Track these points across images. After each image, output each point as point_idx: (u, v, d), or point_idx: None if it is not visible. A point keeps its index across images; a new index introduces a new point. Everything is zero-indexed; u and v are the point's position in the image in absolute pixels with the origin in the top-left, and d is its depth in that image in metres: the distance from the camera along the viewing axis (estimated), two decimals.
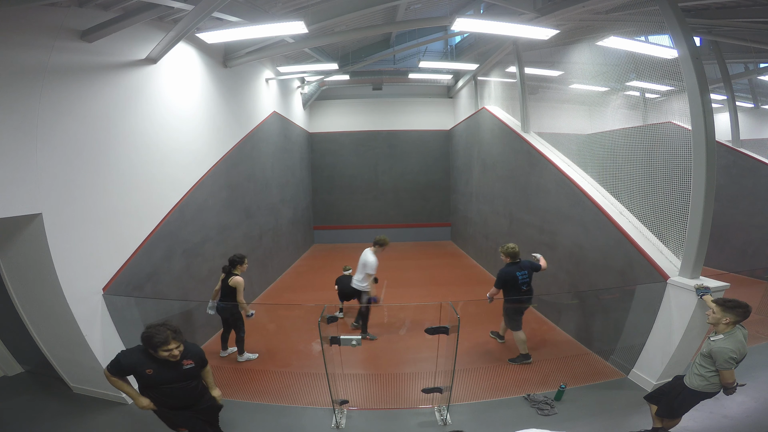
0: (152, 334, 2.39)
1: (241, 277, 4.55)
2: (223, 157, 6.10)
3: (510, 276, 4.40)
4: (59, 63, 3.25)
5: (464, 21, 4.81)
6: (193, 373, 2.62)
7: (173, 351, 2.42)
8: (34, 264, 3.32)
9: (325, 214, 12.75)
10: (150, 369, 2.46)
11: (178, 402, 2.62)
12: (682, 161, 3.86)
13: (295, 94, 10.52)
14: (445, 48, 11.87)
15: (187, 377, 2.59)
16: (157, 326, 2.43)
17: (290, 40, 6.11)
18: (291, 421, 3.59)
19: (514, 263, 4.51)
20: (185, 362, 2.56)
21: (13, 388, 4.02)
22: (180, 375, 2.55)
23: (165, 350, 2.40)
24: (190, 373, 2.60)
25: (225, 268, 4.64)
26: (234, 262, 4.62)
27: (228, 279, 4.53)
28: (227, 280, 4.53)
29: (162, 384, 2.52)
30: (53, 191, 3.20)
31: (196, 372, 2.66)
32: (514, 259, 4.51)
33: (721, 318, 2.70)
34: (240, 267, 4.64)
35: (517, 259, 4.52)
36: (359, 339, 3.39)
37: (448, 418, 3.53)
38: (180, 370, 2.54)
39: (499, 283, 4.47)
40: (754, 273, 6.26)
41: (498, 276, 4.50)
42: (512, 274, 4.40)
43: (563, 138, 6.16)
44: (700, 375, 2.76)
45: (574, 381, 4.06)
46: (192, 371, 2.61)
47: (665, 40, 5.12)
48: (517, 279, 4.41)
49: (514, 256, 4.50)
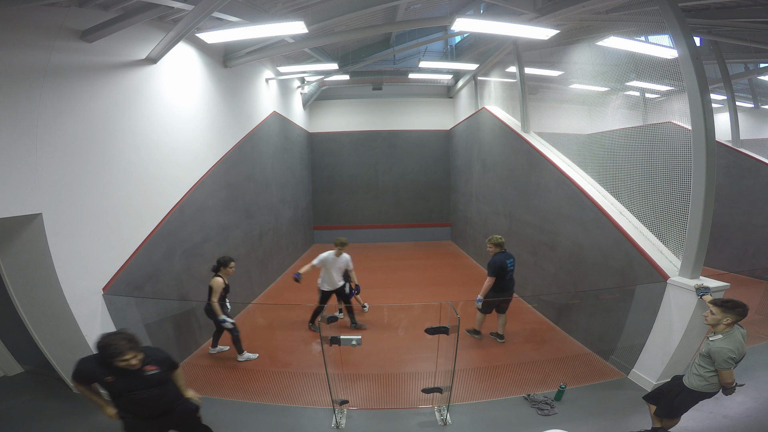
0: (106, 344, 2.29)
1: (220, 279, 4.49)
2: (223, 157, 6.10)
3: (501, 264, 4.76)
4: (59, 63, 3.25)
5: (464, 21, 4.81)
6: (157, 380, 2.49)
7: (130, 361, 2.32)
8: (34, 264, 3.32)
9: (325, 214, 12.75)
10: (110, 377, 2.36)
11: (146, 410, 2.51)
12: (682, 161, 3.86)
13: (295, 94, 10.52)
14: (445, 48, 11.87)
15: (151, 384, 2.45)
16: (111, 335, 2.34)
17: (290, 40, 6.11)
18: (291, 421, 3.59)
19: (502, 252, 4.88)
20: (147, 368, 2.44)
21: (13, 388, 4.02)
22: (142, 382, 2.42)
23: (121, 360, 2.30)
24: (154, 380, 2.47)
25: (213, 267, 4.64)
26: (219, 264, 4.60)
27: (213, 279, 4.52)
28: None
29: (124, 392, 2.41)
30: (53, 191, 3.20)
31: (161, 378, 2.53)
32: (501, 249, 4.90)
33: (722, 319, 2.70)
34: (224, 269, 4.59)
35: (503, 249, 4.90)
36: (359, 339, 3.39)
37: (448, 418, 3.53)
38: (142, 377, 2.42)
39: (492, 271, 4.77)
40: (754, 273, 6.27)
41: (490, 264, 4.81)
42: (503, 261, 4.78)
43: (563, 138, 6.16)
44: (699, 375, 2.76)
45: (574, 381, 4.06)
46: (156, 377, 2.48)
47: (665, 40, 5.12)
48: (506, 266, 4.79)
49: (501, 246, 4.89)
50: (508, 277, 4.85)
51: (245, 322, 6.24)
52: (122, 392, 2.42)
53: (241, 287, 6.65)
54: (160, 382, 2.53)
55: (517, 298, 7.06)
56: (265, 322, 6.32)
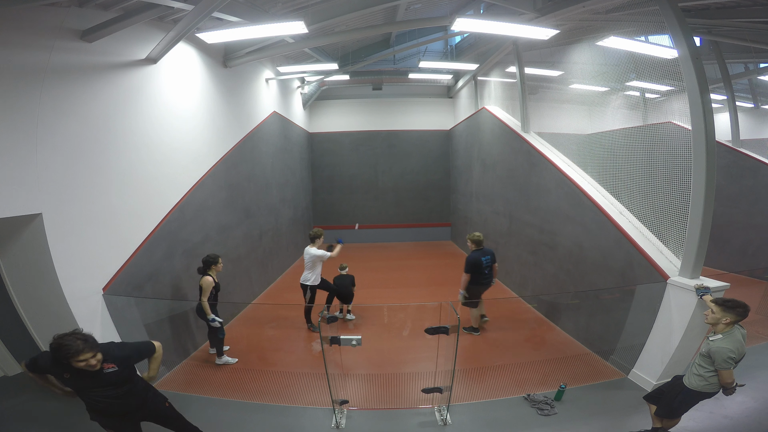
0: (60, 344, 2.16)
1: (210, 278, 4.40)
2: (223, 157, 6.10)
3: (477, 260, 5.04)
4: (59, 63, 3.25)
5: (464, 21, 4.81)
6: (116, 377, 2.37)
7: (89, 361, 2.20)
8: (34, 264, 3.32)
9: (325, 214, 12.75)
10: (67, 373, 2.29)
11: (113, 408, 2.43)
12: (682, 161, 3.86)
13: (295, 94, 10.52)
14: (445, 48, 11.87)
15: (109, 383, 2.35)
16: (66, 335, 2.20)
17: (290, 40, 6.11)
18: (291, 421, 3.59)
19: (479, 249, 5.15)
20: (105, 366, 2.32)
21: (13, 388, 4.01)
22: (101, 381, 2.33)
23: (79, 361, 2.18)
24: (114, 377, 2.36)
25: (199, 269, 4.50)
26: (208, 263, 4.48)
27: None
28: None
29: (83, 390, 2.35)
30: (53, 191, 3.20)
31: (122, 375, 2.41)
32: (479, 246, 5.17)
33: (721, 318, 2.70)
34: (214, 267, 4.50)
35: (481, 246, 5.18)
36: (359, 339, 3.39)
37: (448, 418, 3.53)
38: (99, 375, 2.31)
39: (468, 268, 5.05)
40: (754, 273, 6.26)
41: (467, 261, 5.08)
42: (478, 258, 5.06)
43: (563, 138, 6.16)
44: (699, 375, 2.76)
45: (574, 381, 4.06)
46: (115, 375, 2.36)
47: (665, 40, 5.12)
48: (482, 263, 5.08)
49: (479, 243, 5.17)
50: (486, 272, 5.16)
51: (245, 322, 6.25)
52: (81, 390, 2.37)
53: (241, 287, 6.65)
54: (121, 380, 2.41)
55: (518, 298, 7.09)
56: (265, 322, 6.32)
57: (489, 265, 5.18)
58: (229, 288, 6.18)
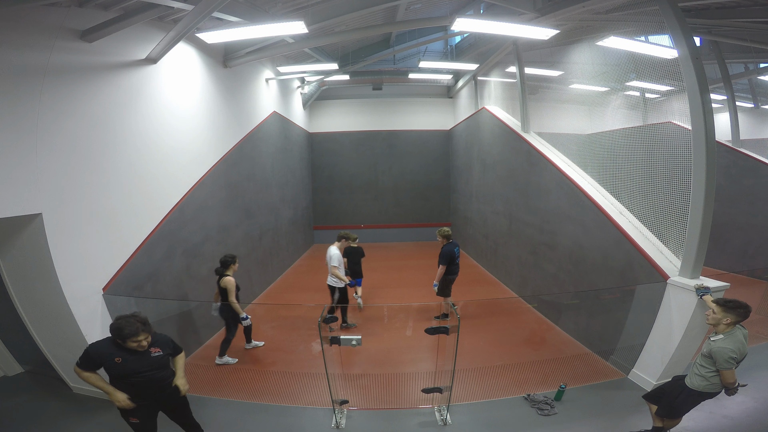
0: (122, 325, 2.43)
1: (232, 278, 4.52)
2: (223, 157, 6.10)
3: (451, 253, 5.47)
4: (59, 63, 3.25)
5: (464, 21, 4.81)
6: (162, 362, 2.64)
7: (142, 342, 2.48)
8: (34, 264, 3.32)
9: (325, 214, 12.75)
10: (119, 357, 2.48)
11: (144, 391, 2.59)
12: (682, 161, 3.86)
13: (295, 94, 10.52)
14: (445, 48, 11.87)
15: (156, 366, 2.60)
16: (126, 317, 2.48)
17: (290, 40, 6.11)
18: (291, 421, 3.59)
19: (450, 243, 5.56)
20: (153, 350, 2.59)
21: (13, 388, 4.01)
22: (148, 363, 2.56)
23: (134, 341, 2.45)
24: (159, 362, 2.61)
25: (217, 270, 4.62)
26: (226, 263, 4.62)
27: (220, 280, 4.52)
28: (219, 282, 4.53)
29: (131, 374, 2.52)
30: (53, 191, 3.20)
31: (165, 360, 2.68)
32: (449, 240, 5.59)
33: (722, 318, 2.70)
34: (232, 267, 4.64)
35: (450, 239, 5.61)
36: (359, 339, 3.39)
37: (448, 418, 3.53)
38: (148, 358, 2.56)
39: (444, 260, 5.45)
40: (754, 273, 6.27)
41: (442, 254, 5.48)
42: (452, 251, 5.50)
43: (563, 138, 6.16)
44: (700, 375, 2.76)
45: (574, 381, 4.06)
46: (161, 359, 2.63)
47: (665, 40, 5.13)
48: (455, 254, 5.53)
49: (448, 237, 5.60)
50: (456, 262, 5.63)
51: None
52: (129, 374, 2.51)
53: (241, 287, 6.64)
54: (162, 364, 2.65)
55: (518, 298, 7.09)
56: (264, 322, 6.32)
57: (458, 256, 5.67)
58: None
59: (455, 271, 5.66)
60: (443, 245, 5.57)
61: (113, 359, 2.48)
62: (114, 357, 2.48)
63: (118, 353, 2.49)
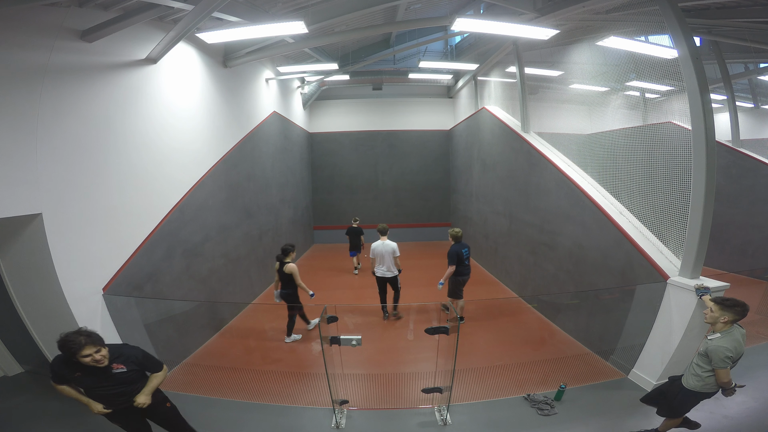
0: (64, 341, 2.32)
1: (294, 264, 5.08)
2: (223, 157, 6.10)
3: (457, 252, 5.41)
4: (59, 63, 3.25)
5: (464, 21, 4.81)
6: (126, 378, 2.50)
7: (93, 356, 2.33)
8: (34, 264, 3.32)
9: (325, 214, 12.75)
10: (78, 372, 2.40)
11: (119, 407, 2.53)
12: (682, 161, 3.85)
13: (295, 94, 10.51)
14: (445, 48, 11.88)
15: (119, 382, 2.47)
16: (69, 333, 2.35)
17: (290, 40, 6.11)
18: (291, 421, 3.59)
19: (458, 243, 5.51)
20: (114, 366, 2.45)
21: (13, 388, 4.01)
22: (110, 379, 2.44)
23: (83, 356, 2.31)
24: (122, 378, 2.48)
25: (278, 257, 5.14)
26: (286, 251, 5.15)
27: (283, 267, 5.03)
28: (282, 269, 5.03)
29: (92, 388, 2.45)
30: (53, 191, 3.20)
31: (130, 377, 2.53)
32: (458, 240, 5.54)
33: (719, 317, 2.69)
34: (291, 254, 5.17)
35: (459, 240, 5.55)
36: (359, 339, 3.39)
37: (448, 418, 3.53)
38: (109, 375, 2.43)
39: (452, 260, 5.40)
40: (754, 273, 6.27)
41: (450, 254, 5.44)
42: (459, 251, 5.43)
43: (563, 138, 6.16)
44: (696, 375, 2.76)
45: (574, 381, 4.06)
46: (124, 376, 2.48)
47: (665, 40, 5.13)
48: (463, 255, 5.45)
49: (458, 238, 5.55)
50: (465, 263, 5.54)
51: (245, 322, 6.25)
52: (90, 388, 2.46)
53: (241, 287, 6.65)
54: (127, 380, 2.52)
55: (518, 298, 7.09)
56: (265, 322, 6.31)
57: (468, 256, 5.58)
58: (229, 288, 6.19)
59: (465, 272, 5.57)
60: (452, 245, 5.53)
61: (73, 374, 2.40)
62: (73, 372, 2.40)
63: (76, 369, 2.38)
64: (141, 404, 2.56)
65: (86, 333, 2.36)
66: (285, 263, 5.03)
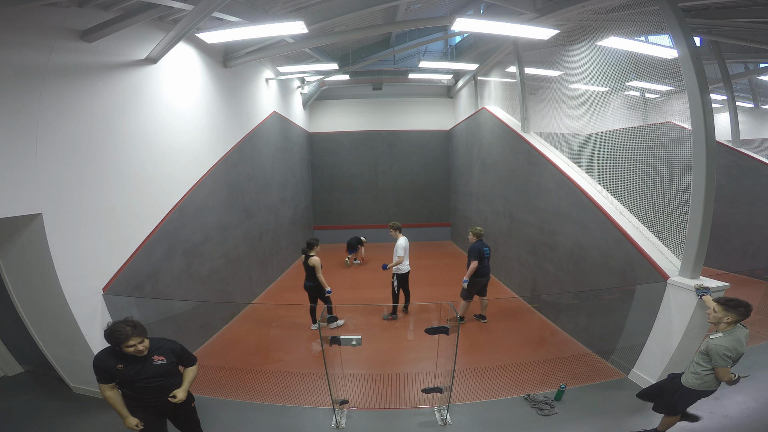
0: (112, 330, 2.42)
1: (318, 258, 5.32)
2: (223, 157, 6.10)
3: (480, 250, 5.44)
4: (59, 63, 3.25)
5: (464, 21, 4.81)
6: (165, 370, 2.59)
7: (137, 346, 2.44)
8: (34, 264, 3.32)
9: (325, 214, 12.75)
10: (120, 365, 2.47)
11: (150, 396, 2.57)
12: (682, 161, 3.85)
13: (295, 94, 10.51)
14: (445, 48, 11.87)
15: (158, 374, 2.56)
16: (116, 323, 2.46)
17: (290, 40, 6.11)
18: (291, 421, 3.59)
19: (480, 241, 5.55)
20: (155, 358, 2.55)
21: (13, 388, 4.02)
22: (150, 371, 2.53)
23: (128, 346, 2.42)
24: (162, 370, 2.57)
25: (304, 250, 5.39)
26: (311, 245, 5.40)
27: (307, 260, 5.29)
28: (307, 261, 5.28)
29: (134, 380, 2.51)
30: (53, 191, 3.20)
31: (169, 369, 2.62)
32: (479, 238, 5.58)
33: (723, 317, 2.70)
34: (315, 248, 5.41)
35: (482, 238, 5.60)
36: (359, 339, 3.39)
37: (448, 418, 3.53)
38: (150, 366, 2.53)
39: (474, 256, 5.42)
40: (754, 273, 6.26)
41: (471, 251, 5.48)
42: (481, 248, 5.46)
43: (563, 138, 6.16)
44: (695, 373, 2.77)
45: (574, 381, 4.06)
46: (164, 368, 2.58)
47: (665, 40, 5.12)
48: (485, 253, 5.48)
49: (480, 236, 5.59)
50: (485, 263, 5.53)
51: (246, 321, 6.25)
52: (132, 381, 2.51)
53: (241, 287, 6.65)
54: (167, 372, 2.60)
55: (518, 298, 7.09)
56: (265, 322, 6.32)
57: (488, 256, 5.57)
58: (228, 288, 6.19)
59: (484, 273, 5.57)
60: (472, 242, 5.55)
61: (116, 367, 2.47)
62: (116, 364, 2.47)
63: (119, 360, 2.47)
64: (180, 399, 2.62)
65: (132, 323, 2.46)
66: (310, 256, 5.27)
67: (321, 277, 5.27)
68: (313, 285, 5.41)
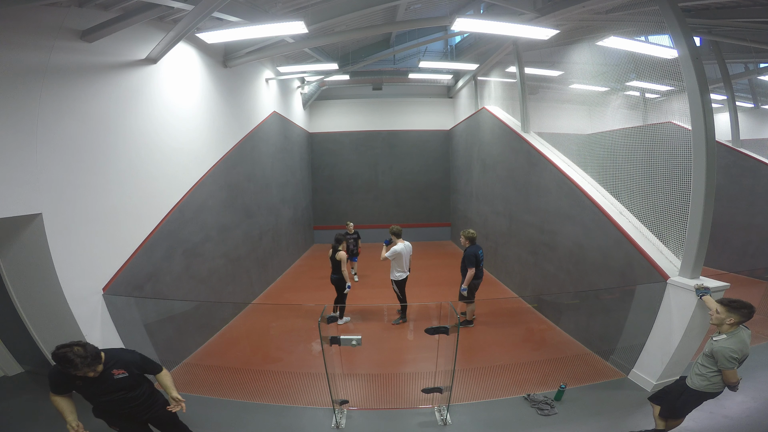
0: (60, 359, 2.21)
1: (344, 252, 5.58)
2: (223, 157, 6.10)
3: (476, 254, 5.37)
4: (59, 63, 3.25)
5: (464, 21, 4.81)
6: (128, 384, 2.46)
7: (88, 374, 2.27)
8: (34, 264, 3.32)
9: (325, 214, 12.75)
10: (79, 381, 2.33)
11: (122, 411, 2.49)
12: (682, 161, 3.85)
13: (295, 94, 10.52)
14: (445, 48, 11.86)
15: (121, 387, 2.43)
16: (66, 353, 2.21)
17: (290, 40, 6.11)
18: (291, 421, 3.59)
19: (474, 245, 5.43)
20: (115, 372, 2.40)
21: (13, 388, 4.01)
22: (111, 386, 2.40)
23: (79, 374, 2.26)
24: (125, 383, 2.44)
25: (333, 245, 5.60)
26: (339, 240, 5.62)
27: (334, 254, 5.51)
28: (334, 255, 5.50)
29: (94, 396, 2.41)
30: (53, 191, 3.20)
31: (133, 381, 2.49)
32: (473, 242, 5.45)
33: (726, 318, 2.69)
34: (343, 243, 5.64)
35: (474, 242, 5.47)
36: (359, 339, 3.39)
37: (448, 418, 3.53)
38: (110, 381, 2.38)
39: (471, 263, 5.32)
40: (754, 273, 6.26)
41: (467, 257, 5.35)
42: (476, 253, 5.38)
43: (563, 138, 6.16)
44: (701, 375, 2.76)
45: (574, 381, 4.06)
46: (126, 381, 2.45)
47: (665, 40, 5.12)
48: (479, 257, 5.40)
49: (473, 240, 5.46)
50: (480, 266, 5.49)
51: (245, 321, 6.25)
52: (93, 396, 2.43)
53: (241, 287, 6.65)
54: (130, 386, 2.49)
55: (518, 298, 7.09)
56: (265, 322, 6.31)
57: (482, 259, 5.53)
58: (228, 288, 6.19)
59: (479, 276, 5.52)
60: (466, 247, 5.42)
61: (75, 382, 2.34)
62: (75, 380, 2.32)
63: (76, 378, 2.31)
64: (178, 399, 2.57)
65: (81, 355, 2.21)
66: (338, 250, 5.50)
67: (344, 271, 5.48)
68: (338, 277, 5.61)
